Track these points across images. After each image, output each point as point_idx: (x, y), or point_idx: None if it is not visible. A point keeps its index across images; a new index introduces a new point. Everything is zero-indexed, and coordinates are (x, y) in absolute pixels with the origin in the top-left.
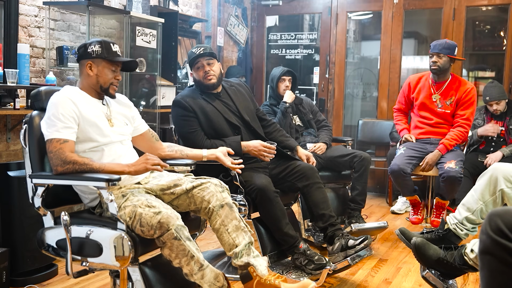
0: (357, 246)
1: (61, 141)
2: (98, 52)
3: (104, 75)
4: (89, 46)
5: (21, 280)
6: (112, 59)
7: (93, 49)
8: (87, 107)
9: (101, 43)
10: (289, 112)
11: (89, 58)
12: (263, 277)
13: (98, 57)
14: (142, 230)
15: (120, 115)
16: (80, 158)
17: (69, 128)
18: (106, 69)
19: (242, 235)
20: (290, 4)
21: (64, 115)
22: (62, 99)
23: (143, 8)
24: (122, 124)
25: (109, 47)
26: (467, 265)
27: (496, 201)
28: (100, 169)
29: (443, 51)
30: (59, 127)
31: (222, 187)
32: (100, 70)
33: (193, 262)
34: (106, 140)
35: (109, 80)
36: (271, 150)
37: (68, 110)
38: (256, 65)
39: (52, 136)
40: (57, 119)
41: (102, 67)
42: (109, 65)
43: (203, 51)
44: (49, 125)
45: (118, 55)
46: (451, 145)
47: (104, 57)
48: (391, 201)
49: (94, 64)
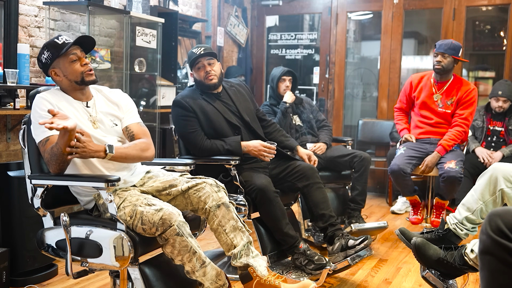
0: (357, 246)
1: (44, 142)
2: (50, 57)
3: (70, 71)
4: (41, 57)
5: (21, 280)
6: (63, 52)
7: (44, 57)
8: (68, 108)
9: (47, 46)
10: (289, 112)
11: (48, 67)
12: (263, 277)
13: (53, 60)
14: (144, 228)
15: (108, 115)
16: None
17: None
18: (67, 64)
19: (240, 235)
20: (290, 4)
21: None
22: (39, 101)
23: (143, 8)
24: (109, 125)
25: (55, 44)
26: (467, 265)
27: (496, 201)
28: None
29: (448, 51)
30: (42, 127)
31: (218, 187)
32: (64, 69)
33: (195, 258)
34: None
35: (77, 72)
36: (271, 150)
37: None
38: (256, 65)
39: (39, 138)
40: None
41: (63, 66)
42: (67, 58)
43: (204, 51)
44: (34, 129)
45: (68, 43)
46: (449, 146)
47: (57, 56)
48: (391, 201)
49: (56, 68)
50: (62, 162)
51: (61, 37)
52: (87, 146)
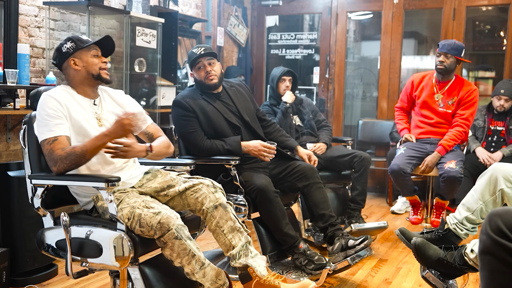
0: (357, 246)
1: (50, 141)
2: (73, 47)
3: (91, 62)
4: (62, 47)
5: (21, 280)
6: (88, 44)
7: (67, 47)
8: (75, 107)
9: (71, 38)
10: (289, 112)
11: (69, 56)
12: (263, 277)
13: (75, 50)
14: (142, 230)
15: (113, 115)
16: (64, 151)
17: (60, 124)
18: (89, 56)
19: (238, 235)
20: (290, 4)
21: (50, 114)
22: (47, 99)
23: (143, 8)
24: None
25: (79, 38)
26: (467, 265)
27: (496, 201)
28: (84, 151)
29: (451, 51)
30: (50, 126)
31: (214, 188)
32: (85, 60)
33: (194, 261)
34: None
35: (96, 65)
36: (271, 150)
37: (54, 109)
38: (256, 65)
39: (43, 137)
40: (44, 119)
41: (85, 57)
42: (89, 52)
43: (204, 51)
44: (40, 126)
45: (90, 40)
46: (450, 146)
47: (81, 47)
48: (391, 201)
49: (76, 58)
50: (77, 164)
51: (83, 35)
52: (132, 148)
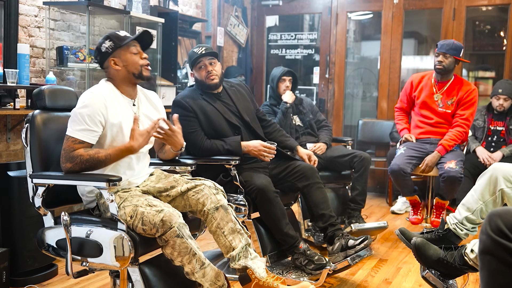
0: (357, 246)
1: (77, 142)
2: (112, 46)
3: (131, 60)
4: (101, 46)
5: (21, 280)
6: (127, 42)
7: (105, 46)
8: (117, 108)
9: (109, 37)
10: (289, 112)
11: (108, 56)
12: (262, 279)
13: (114, 49)
14: (144, 228)
15: (146, 118)
16: (86, 152)
17: (91, 131)
18: (129, 55)
19: (238, 237)
20: (290, 4)
21: (91, 116)
22: (96, 100)
23: (143, 8)
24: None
25: (117, 36)
26: (467, 265)
27: (496, 201)
28: (107, 159)
29: (450, 51)
30: (81, 128)
31: (216, 189)
32: (124, 59)
33: (195, 260)
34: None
35: (137, 63)
36: (271, 150)
37: (97, 113)
38: (256, 65)
39: (71, 134)
40: (83, 119)
41: (124, 56)
42: (129, 50)
43: (205, 51)
44: (74, 122)
45: (129, 36)
46: (450, 146)
47: (119, 46)
48: (391, 201)
49: (116, 58)
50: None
51: (120, 31)
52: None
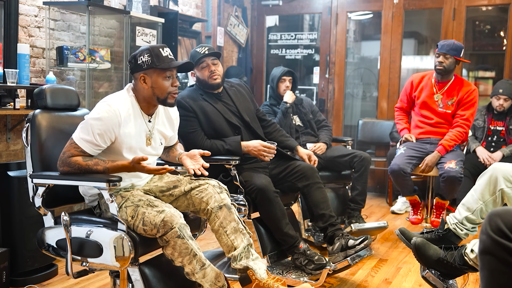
0: (357, 246)
1: (79, 149)
2: (148, 62)
3: (160, 85)
4: (139, 57)
5: (21, 280)
6: (164, 66)
7: (142, 59)
8: (131, 125)
9: (150, 51)
10: (289, 112)
11: (141, 70)
12: (262, 280)
13: (149, 67)
14: (145, 229)
15: (160, 134)
16: (84, 161)
17: (96, 145)
18: (160, 79)
19: (240, 237)
20: (290, 4)
21: (101, 133)
22: (111, 115)
23: (143, 8)
24: (158, 144)
25: (158, 54)
26: (467, 265)
27: (496, 201)
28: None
29: (450, 52)
30: (88, 139)
31: (220, 188)
32: (154, 81)
33: (195, 260)
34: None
35: (166, 90)
36: (271, 150)
37: (108, 131)
38: (256, 65)
39: (76, 141)
40: (92, 131)
41: (155, 78)
42: (163, 73)
43: (208, 51)
44: (83, 130)
45: (171, 59)
46: (450, 146)
47: (155, 66)
48: (391, 201)
49: (147, 76)
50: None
51: (165, 49)
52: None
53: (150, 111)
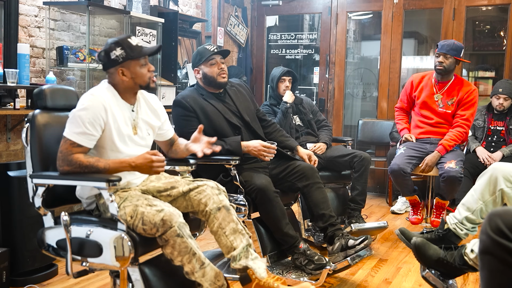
0: (357, 246)
1: (75, 145)
2: (123, 55)
3: (139, 74)
4: (110, 52)
5: (21, 280)
6: (139, 55)
7: (116, 54)
8: (116, 113)
9: (121, 44)
10: (289, 112)
11: (117, 64)
12: (262, 280)
13: (125, 60)
14: (144, 228)
15: (145, 124)
16: (86, 159)
17: (89, 135)
18: (138, 67)
19: (240, 237)
20: (290, 4)
21: (91, 121)
22: (96, 103)
23: (143, 8)
24: (145, 134)
25: (130, 45)
26: (467, 265)
27: (496, 200)
28: (106, 169)
29: (450, 52)
30: (80, 131)
31: (218, 190)
32: (133, 72)
33: (194, 259)
34: (128, 149)
35: (146, 76)
36: (271, 150)
37: (96, 117)
38: (256, 65)
39: (69, 136)
40: (82, 122)
41: (133, 68)
42: (138, 62)
43: (218, 49)
44: (73, 124)
45: (141, 46)
46: (450, 146)
47: (131, 58)
48: (391, 201)
49: (125, 69)
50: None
51: (132, 38)
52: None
53: (131, 100)
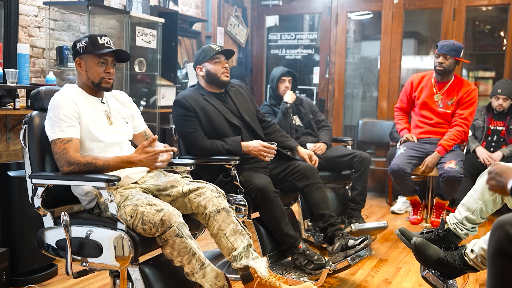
0: (357, 246)
1: (65, 141)
2: (84, 48)
3: (93, 70)
4: (77, 43)
5: (21, 280)
6: (97, 52)
7: (80, 45)
8: (87, 105)
9: (88, 38)
10: (290, 112)
11: (78, 55)
12: (264, 278)
13: (85, 52)
14: (144, 228)
15: (119, 114)
16: (83, 158)
17: (72, 126)
18: (94, 63)
19: (240, 238)
20: (290, 4)
21: (66, 114)
22: (63, 99)
23: (143, 8)
24: (121, 123)
25: (95, 41)
26: (467, 265)
27: (496, 200)
28: (105, 167)
29: (450, 52)
30: (62, 126)
31: (218, 193)
32: (89, 66)
33: (194, 260)
34: (108, 138)
35: (98, 75)
36: (271, 150)
37: (69, 110)
38: (256, 65)
39: (56, 136)
40: (59, 119)
41: (90, 63)
42: (97, 59)
43: (223, 49)
44: (52, 126)
45: (106, 47)
46: (449, 146)
47: (90, 52)
48: (391, 201)
49: (82, 61)
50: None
51: (103, 38)
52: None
53: (98, 94)
